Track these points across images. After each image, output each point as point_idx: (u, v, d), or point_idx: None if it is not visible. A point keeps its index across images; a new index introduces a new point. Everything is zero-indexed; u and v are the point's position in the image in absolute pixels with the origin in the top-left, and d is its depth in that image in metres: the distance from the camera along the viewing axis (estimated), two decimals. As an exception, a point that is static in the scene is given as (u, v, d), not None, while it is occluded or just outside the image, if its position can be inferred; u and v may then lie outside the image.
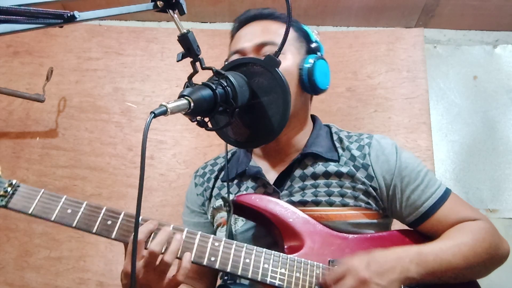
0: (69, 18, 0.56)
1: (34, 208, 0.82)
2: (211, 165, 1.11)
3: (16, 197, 0.83)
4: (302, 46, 1.01)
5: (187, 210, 1.10)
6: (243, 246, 0.82)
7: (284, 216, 0.88)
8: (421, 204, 0.93)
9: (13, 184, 0.84)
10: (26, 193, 0.83)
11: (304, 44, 1.02)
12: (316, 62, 0.95)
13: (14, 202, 0.82)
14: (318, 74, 0.95)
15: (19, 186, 0.84)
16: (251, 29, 1.00)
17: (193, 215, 1.08)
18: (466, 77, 1.96)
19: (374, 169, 0.94)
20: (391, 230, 0.96)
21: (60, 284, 1.60)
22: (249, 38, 0.98)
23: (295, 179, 0.95)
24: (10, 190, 0.83)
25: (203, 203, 1.06)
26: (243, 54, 0.97)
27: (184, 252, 0.80)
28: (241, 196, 0.91)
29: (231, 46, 1.04)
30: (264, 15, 1.02)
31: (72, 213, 0.82)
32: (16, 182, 0.84)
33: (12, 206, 0.82)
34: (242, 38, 0.99)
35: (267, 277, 0.80)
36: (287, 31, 0.81)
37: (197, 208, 1.07)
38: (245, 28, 1.02)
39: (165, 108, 0.64)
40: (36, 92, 1.73)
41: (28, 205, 0.82)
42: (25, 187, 0.84)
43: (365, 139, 0.99)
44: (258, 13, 1.02)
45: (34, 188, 0.84)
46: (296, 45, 1.00)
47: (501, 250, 0.91)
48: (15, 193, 0.83)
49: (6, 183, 0.83)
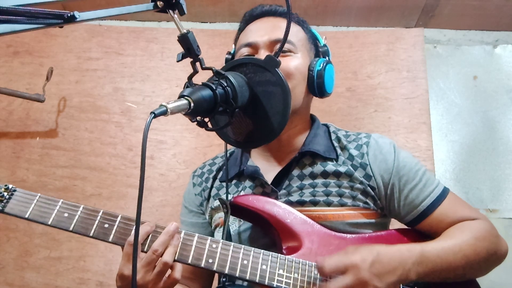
0: (69, 18, 0.56)
1: (31, 213, 0.81)
2: (209, 165, 1.11)
3: (13, 201, 0.82)
4: (312, 48, 1.03)
5: (185, 210, 1.10)
6: (241, 248, 0.82)
7: (281, 217, 0.88)
8: (419, 203, 0.93)
9: (9, 188, 0.83)
10: (23, 198, 0.83)
11: (313, 46, 1.04)
12: (326, 66, 0.97)
13: (10, 206, 0.82)
14: (327, 78, 0.97)
15: (15, 191, 0.83)
16: (264, 25, 1.00)
17: (191, 215, 1.08)
18: (466, 77, 1.96)
19: (372, 168, 0.94)
20: (390, 230, 0.96)
21: (60, 284, 1.60)
22: (262, 33, 0.98)
23: (293, 178, 0.95)
24: (6, 195, 0.82)
25: (201, 203, 1.06)
26: (255, 48, 0.97)
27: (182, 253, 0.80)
28: (238, 198, 0.91)
29: (240, 39, 1.03)
30: (278, 13, 1.02)
31: (69, 216, 0.82)
32: (12, 186, 0.84)
33: (9, 211, 0.82)
34: (255, 32, 0.99)
35: (265, 279, 0.80)
36: (287, 32, 0.80)
37: (195, 208, 1.07)
38: (256, 22, 1.01)
39: (165, 108, 0.64)
40: (36, 92, 1.73)
41: (24, 209, 0.82)
42: (22, 192, 0.84)
43: (363, 138, 0.99)
44: (270, 9, 1.02)
45: (31, 193, 0.84)
46: (307, 47, 1.01)
47: (500, 249, 0.92)
48: (11, 198, 0.82)
49: (2, 187, 0.83)
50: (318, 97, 1.01)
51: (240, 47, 1.00)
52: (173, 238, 0.80)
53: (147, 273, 0.77)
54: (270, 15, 1.02)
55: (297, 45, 0.98)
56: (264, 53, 0.94)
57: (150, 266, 0.77)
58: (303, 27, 1.04)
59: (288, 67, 0.94)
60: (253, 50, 0.97)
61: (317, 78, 0.96)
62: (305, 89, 0.98)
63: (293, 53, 0.97)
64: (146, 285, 0.77)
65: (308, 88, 0.98)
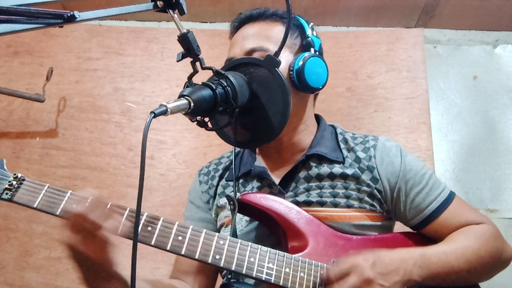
0: (69, 18, 0.56)
1: (39, 202, 0.80)
2: (215, 164, 1.10)
3: (22, 190, 0.81)
4: (296, 43, 0.97)
5: (191, 206, 1.09)
6: (247, 245, 0.82)
7: (288, 216, 0.88)
8: (425, 207, 0.92)
9: (18, 177, 0.83)
10: (31, 187, 0.82)
11: (298, 40, 0.98)
12: (306, 62, 0.91)
13: (19, 195, 0.81)
14: (309, 73, 0.91)
15: (24, 180, 0.83)
16: (242, 35, 0.98)
17: (198, 210, 1.07)
18: (466, 77, 1.96)
19: (379, 171, 0.94)
20: (395, 232, 0.96)
21: (60, 284, 1.60)
22: (239, 45, 0.96)
23: (300, 180, 0.95)
24: (15, 184, 0.82)
25: (207, 200, 1.06)
26: None
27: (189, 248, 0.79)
28: (246, 195, 0.90)
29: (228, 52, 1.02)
30: (254, 17, 0.99)
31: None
32: (21, 175, 0.83)
33: (17, 200, 0.81)
34: (233, 46, 0.99)
35: (271, 276, 0.79)
36: (286, 32, 0.80)
37: (203, 204, 1.06)
38: (238, 33, 1.00)
39: (165, 108, 0.64)
40: (36, 92, 1.73)
41: (33, 199, 0.81)
42: (30, 181, 0.83)
43: (371, 141, 0.98)
44: (248, 15, 1.00)
45: (39, 182, 0.83)
46: (289, 44, 0.95)
47: (504, 254, 0.91)
48: (20, 187, 0.82)
49: (11, 176, 0.83)
50: (308, 93, 0.97)
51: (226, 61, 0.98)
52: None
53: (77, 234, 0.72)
54: (249, 22, 0.99)
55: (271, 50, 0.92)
56: None
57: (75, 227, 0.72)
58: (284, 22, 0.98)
59: None
60: None
61: (298, 76, 0.91)
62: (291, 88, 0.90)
63: None
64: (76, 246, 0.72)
65: (293, 87, 0.92)
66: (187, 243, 0.80)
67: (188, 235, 0.81)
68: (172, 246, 0.79)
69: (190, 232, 0.81)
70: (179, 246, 0.79)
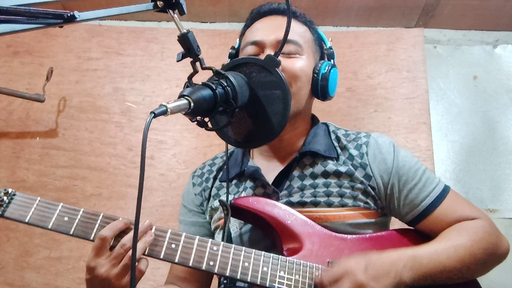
0: (69, 18, 0.56)
1: (31, 217, 0.82)
2: (209, 165, 1.10)
3: (13, 206, 0.82)
4: (317, 50, 1.03)
5: (184, 209, 1.10)
6: (241, 250, 0.82)
7: (282, 218, 0.88)
8: (418, 203, 0.92)
9: (9, 192, 0.83)
10: (22, 202, 0.83)
11: (319, 48, 1.04)
12: (331, 70, 0.97)
13: (10, 211, 0.82)
14: (331, 81, 0.97)
15: (15, 195, 0.83)
16: (271, 23, 0.99)
17: (190, 214, 1.08)
18: (466, 77, 1.96)
19: (372, 168, 0.94)
20: (390, 230, 0.96)
21: (60, 284, 1.60)
22: (269, 32, 0.97)
23: (294, 178, 0.95)
24: (6, 199, 0.82)
25: (201, 203, 1.06)
26: (261, 47, 0.96)
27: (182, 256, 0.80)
28: (238, 199, 0.90)
29: (246, 36, 1.02)
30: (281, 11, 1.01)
31: (69, 220, 0.82)
32: (12, 190, 0.84)
33: (9, 216, 0.82)
34: (261, 30, 0.98)
35: (266, 281, 0.80)
36: (287, 31, 0.80)
37: (195, 208, 1.07)
38: (263, 20, 1.01)
39: (165, 108, 0.64)
40: (36, 92, 1.73)
41: (24, 213, 0.82)
42: (21, 196, 0.84)
43: (363, 138, 0.99)
44: (279, 8, 1.01)
45: (30, 196, 0.83)
46: (313, 49, 1.01)
47: (500, 248, 0.91)
48: (11, 202, 0.82)
49: (2, 191, 0.83)
50: (321, 100, 1.01)
51: (246, 44, 0.99)
52: (145, 234, 0.80)
53: (113, 267, 0.76)
54: (278, 14, 1.01)
55: (303, 47, 0.97)
56: (269, 52, 0.93)
57: (116, 260, 0.76)
58: (310, 28, 1.04)
59: (293, 69, 0.94)
60: (258, 49, 0.97)
61: (322, 81, 0.96)
62: (309, 92, 0.98)
63: (298, 55, 0.96)
64: (110, 278, 0.76)
65: (311, 91, 0.98)
66: (181, 250, 0.80)
67: (181, 243, 0.81)
68: (166, 255, 0.80)
69: (183, 239, 0.81)
70: (172, 254, 0.80)
